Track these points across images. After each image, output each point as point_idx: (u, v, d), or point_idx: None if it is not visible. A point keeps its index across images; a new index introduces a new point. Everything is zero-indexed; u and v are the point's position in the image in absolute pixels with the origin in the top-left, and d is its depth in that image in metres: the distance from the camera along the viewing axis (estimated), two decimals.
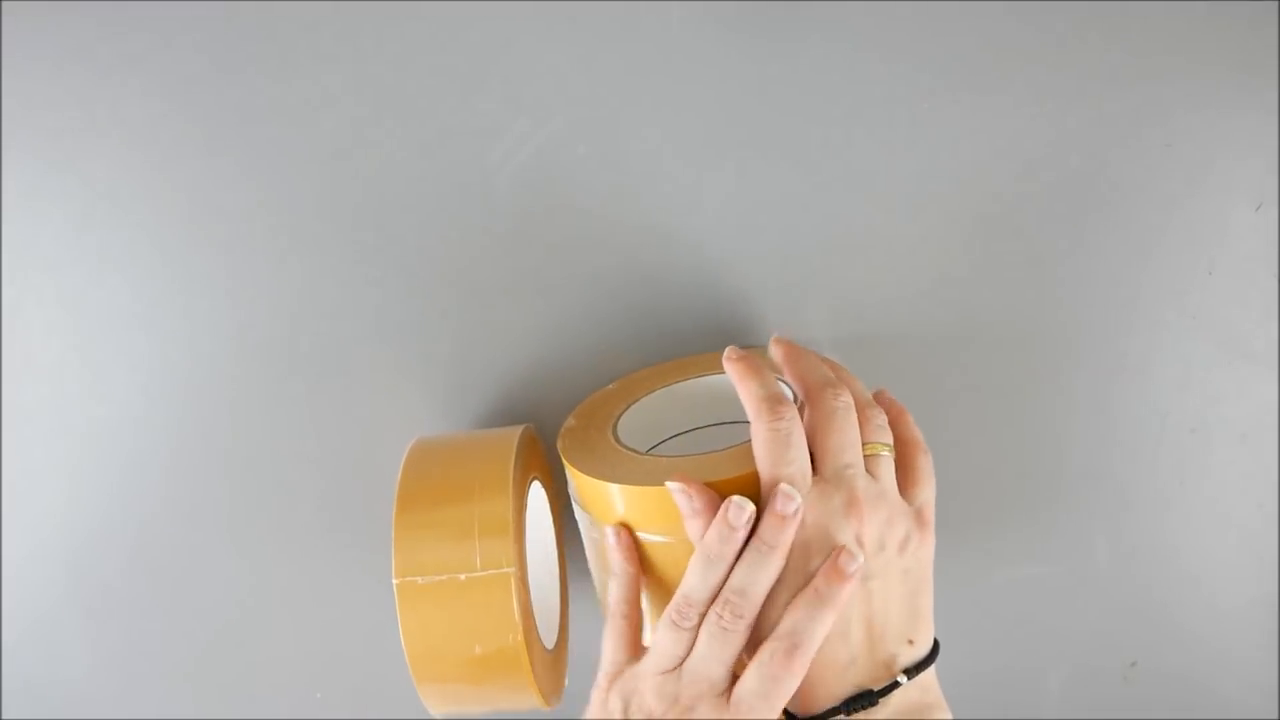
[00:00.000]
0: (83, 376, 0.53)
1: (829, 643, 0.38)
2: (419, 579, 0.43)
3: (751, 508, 0.38)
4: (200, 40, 0.49)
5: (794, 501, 0.38)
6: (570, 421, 0.49)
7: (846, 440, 0.39)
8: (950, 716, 0.41)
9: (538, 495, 0.51)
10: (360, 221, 0.51)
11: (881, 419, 0.41)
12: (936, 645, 0.41)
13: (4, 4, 0.48)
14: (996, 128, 0.51)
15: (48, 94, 0.49)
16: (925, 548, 0.41)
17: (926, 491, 0.42)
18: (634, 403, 0.49)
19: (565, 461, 0.45)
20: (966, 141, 0.51)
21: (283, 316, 0.52)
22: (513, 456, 0.46)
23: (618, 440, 0.46)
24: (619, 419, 0.48)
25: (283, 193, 0.51)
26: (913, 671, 0.39)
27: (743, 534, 0.38)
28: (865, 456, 0.40)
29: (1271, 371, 0.54)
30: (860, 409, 0.40)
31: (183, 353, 0.53)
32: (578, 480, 0.45)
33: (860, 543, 0.38)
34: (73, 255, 0.51)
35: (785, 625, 0.38)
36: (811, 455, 0.39)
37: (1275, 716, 0.58)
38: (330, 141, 0.50)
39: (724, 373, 0.50)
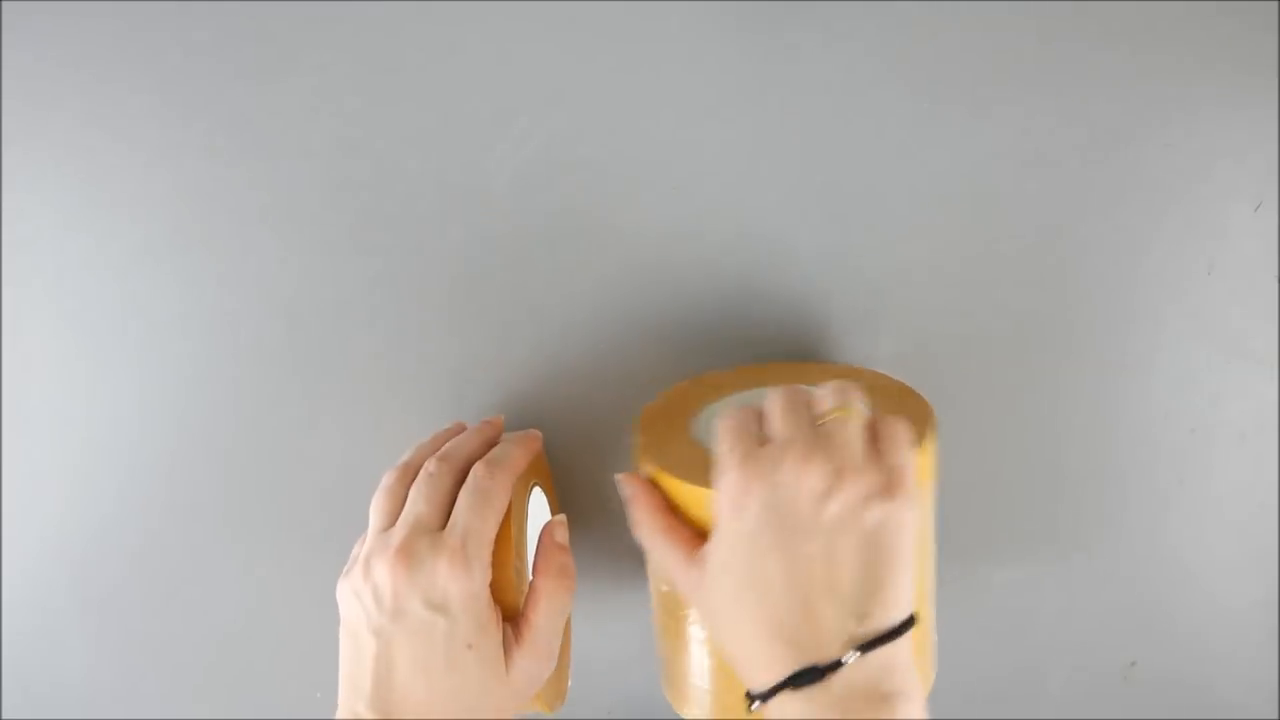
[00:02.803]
0: (83, 377, 0.53)
1: (761, 608, 0.36)
2: None
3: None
4: (200, 40, 0.49)
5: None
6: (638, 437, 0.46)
7: (790, 405, 0.38)
8: (917, 712, 0.35)
9: (539, 503, 0.51)
10: (361, 221, 0.51)
11: (849, 393, 0.39)
12: (907, 622, 0.36)
13: (4, 4, 0.48)
14: (995, 128, 0.51)
15: (48, 93, 0.49)
16: (897, 513, 0.36)
17: (899, 455, 0.37)
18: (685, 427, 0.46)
19: (658, 473, 0.42)
20: (962, 142, 0.51)
21: (283, 317, 0.52)
22: None
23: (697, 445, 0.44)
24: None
25: (283, 192, 0.51)
26: (867, 647, 0.35)
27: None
28: (826, 422, 0.37)
29: (1271, 371, 0.54)
30: (829, 385, 0.39)
31: (183, 352, 0.53)
32: (676, 490, 0.42)
33: (803, 492, 0.36)
34: (73, 255, 0.51)
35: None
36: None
37: (1275, 717, 0.58)
38: (330, 140, 0.50)
39: (758, 388, 0.48)
